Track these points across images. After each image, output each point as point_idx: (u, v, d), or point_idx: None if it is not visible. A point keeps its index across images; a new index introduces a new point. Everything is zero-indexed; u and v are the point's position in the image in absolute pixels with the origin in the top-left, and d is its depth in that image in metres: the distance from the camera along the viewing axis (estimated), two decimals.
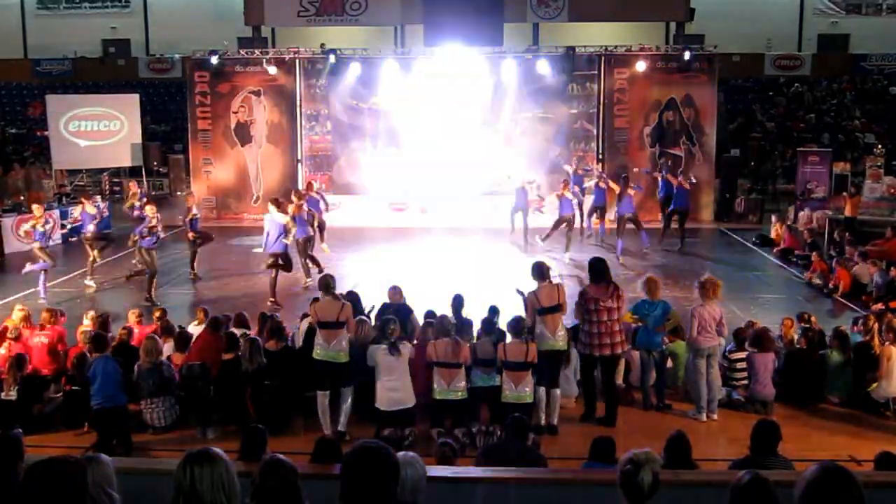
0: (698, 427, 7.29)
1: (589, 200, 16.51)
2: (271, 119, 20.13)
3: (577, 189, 15.50)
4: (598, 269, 7.49)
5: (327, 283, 7.40)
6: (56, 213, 17.43)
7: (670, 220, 16.24)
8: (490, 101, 19.55)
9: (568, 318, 7.82)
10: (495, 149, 19.34)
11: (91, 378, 6.97)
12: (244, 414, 7.22)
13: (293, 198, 13.12)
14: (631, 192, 15.40)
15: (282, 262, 11.95)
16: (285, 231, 11.76)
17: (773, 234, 16.65)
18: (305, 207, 12.90)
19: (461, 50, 19.02)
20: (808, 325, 8.70)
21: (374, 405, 6.92)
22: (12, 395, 7.43)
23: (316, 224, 13.66)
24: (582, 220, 16.20)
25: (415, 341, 7.71)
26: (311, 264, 12.87)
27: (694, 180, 16.91)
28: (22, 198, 17.58)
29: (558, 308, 7.34)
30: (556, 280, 8.40)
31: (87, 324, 8.93)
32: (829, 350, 8.12)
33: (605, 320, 7.29)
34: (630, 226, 15.22)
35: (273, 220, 11.85)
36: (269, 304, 11.47)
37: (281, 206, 12.18)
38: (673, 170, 17.67)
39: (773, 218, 17.43)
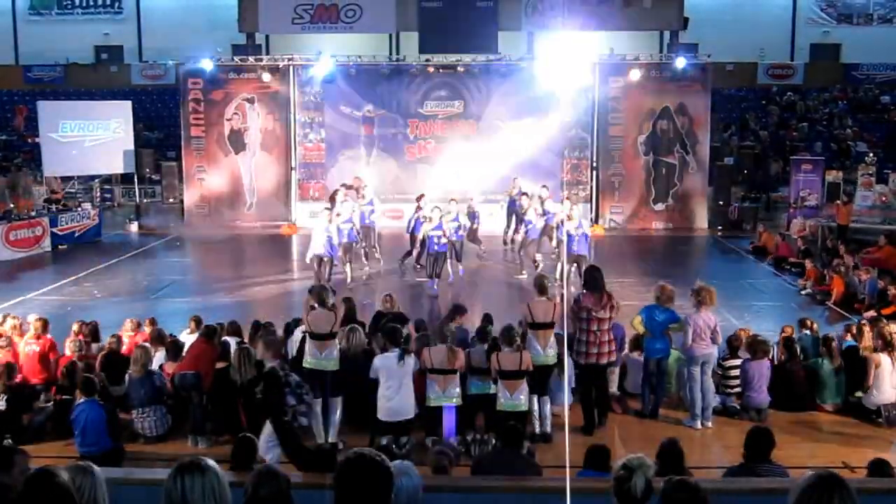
0: (693, 435, 7.29)
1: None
2: (265, 126, 20.09)
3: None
4: (592, 278, 7.51)
5: (321, 295, 7.36)
6: (46, 220, 17.33)
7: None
8: (484, 108, 19.57)
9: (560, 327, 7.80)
10: (489, 156, 19.32)
11: (74, 422, 6.77)
12: (237, 423, 7.16)
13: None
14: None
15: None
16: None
17: (758, 243, 16.74)
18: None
19: (456, 58, 19.01)
20: (806, 333, 8.71)
21: (374, 415, 6.85)
22: (1, 404, 7.35)
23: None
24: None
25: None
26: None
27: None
28: (12, 206, 17.42)
29: (551, 325, 7.37)
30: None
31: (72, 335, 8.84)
32: (819, 358, 8.13)
33: (594, 330, 7.33)
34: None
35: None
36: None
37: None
38: None
39: (760, 227, 17.54)
